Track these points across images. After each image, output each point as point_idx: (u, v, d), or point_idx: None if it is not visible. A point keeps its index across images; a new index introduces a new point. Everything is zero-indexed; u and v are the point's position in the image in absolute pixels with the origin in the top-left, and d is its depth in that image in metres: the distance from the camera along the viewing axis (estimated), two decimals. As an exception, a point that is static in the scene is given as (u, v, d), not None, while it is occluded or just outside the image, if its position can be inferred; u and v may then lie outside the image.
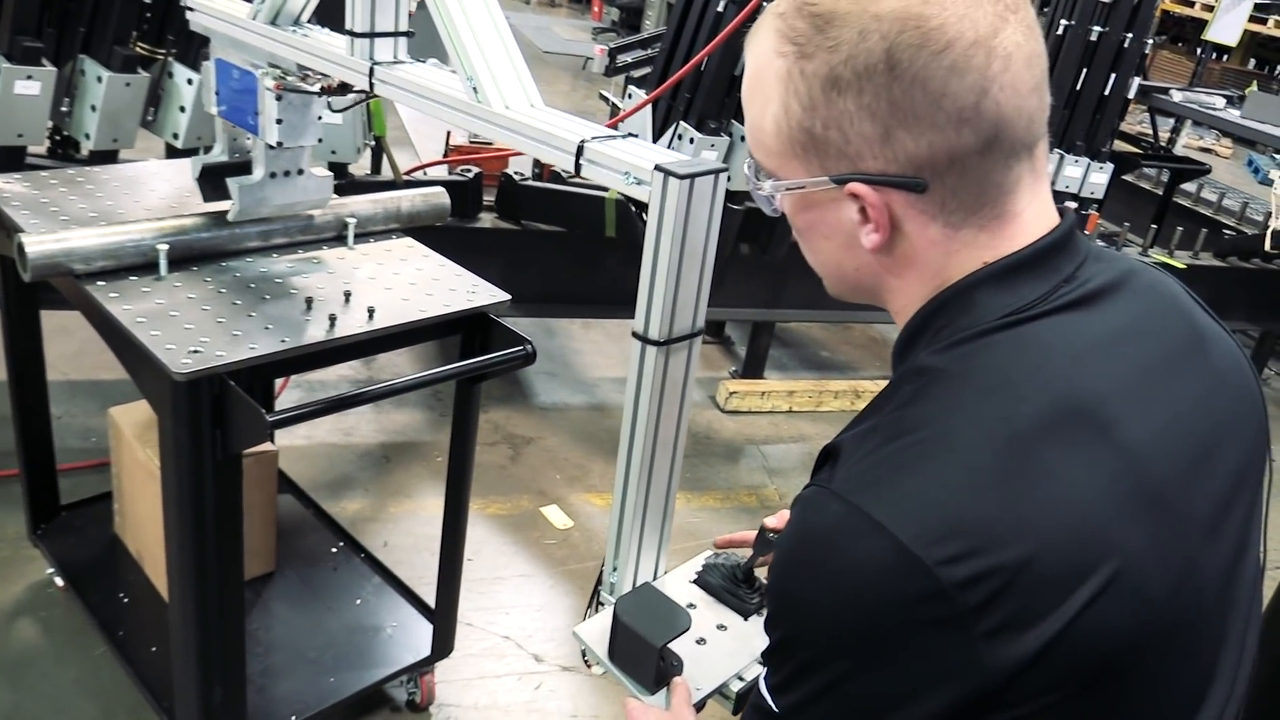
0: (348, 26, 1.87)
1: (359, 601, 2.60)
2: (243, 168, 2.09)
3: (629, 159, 1.43)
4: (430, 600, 2.55)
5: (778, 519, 1.39)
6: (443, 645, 2.47)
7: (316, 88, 1.93)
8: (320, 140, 2.04)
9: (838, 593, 0.77)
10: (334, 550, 2.78)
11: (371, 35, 1.86)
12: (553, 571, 3.10)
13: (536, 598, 2.98)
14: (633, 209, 1.33)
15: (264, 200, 2.06)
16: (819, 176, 0.85)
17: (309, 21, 2.07)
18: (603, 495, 3.50)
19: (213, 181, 2.08)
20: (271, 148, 1.98)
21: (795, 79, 0.83)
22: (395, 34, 1.89)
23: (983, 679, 0.74)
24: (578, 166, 1.51)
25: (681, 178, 1.29)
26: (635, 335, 1.40)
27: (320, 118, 2.02)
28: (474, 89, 1.65)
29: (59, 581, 2.64)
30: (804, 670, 0.81)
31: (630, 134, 1.57)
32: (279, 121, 1.93)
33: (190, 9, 2.18)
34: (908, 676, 0.75)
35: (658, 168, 1.33)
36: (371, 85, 1.87)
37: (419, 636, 2.51)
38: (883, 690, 0.77)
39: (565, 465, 3.65)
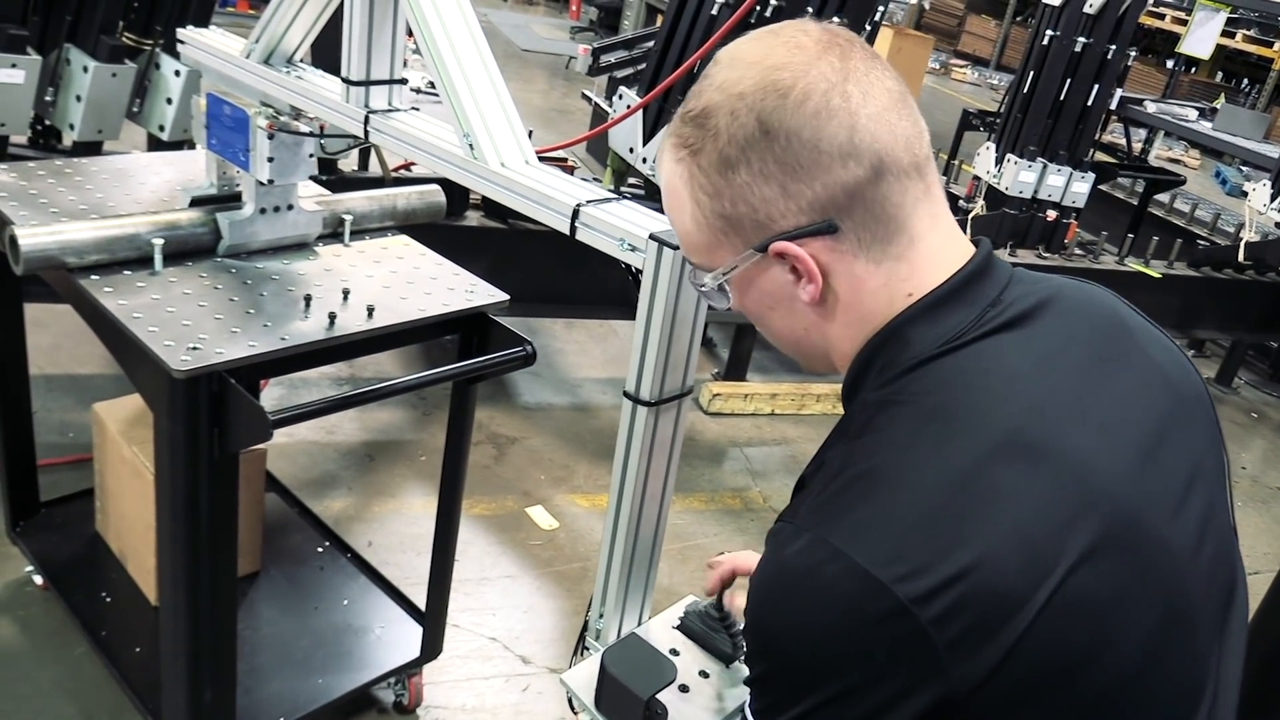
0: (343, 74, 1.86)
1: (346, 602, 2.58)
2: (232, 198, 2.06)
3: (624, 225, 1.45)
4: (416, 600, 2.53)
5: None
6: (432, 646, 2.45)
7: (309, 129, 1.91)
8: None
9: (809, 621, 0.81)
10: (320, 550, 2.75)
11: (367, 84, 1.85)
12: (539, 573, 3.09)
13: (523, 599, 2.97)
14: (625, 268, 1.39)
15: (253, 235, 2.04)
16: (745, 252, 0.93)
17: (301, 62, 2.06)
18: (587, 496, 3.49)
19: None
20: (262, 184, 1.96)
21: (696, 175, 0.91)
22: (390, 82, 1.89)
23: (949, 686, 0.78)
24: (573, 230, 1.53)
25: (676, 247, 1.31)
26: (627, 395, 1.45)
27: (312, 155, 1.99)
28: (470, 145, 1.65)
29: (38, 580, 2.59)
30: (787, 698, 0.85)
31: (623, 196, 1.59)
32: (270, 160, 1.91)
33: (182, 42, 2.16)
34: (881, 691, 0.79)
35: (652, 237, 1.35)
36: (367, 134, 1.85)
37: (407, 638, 2.48)
38: (861, 706, 0.81)
39: (550, 466, 3.63)
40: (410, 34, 1.86)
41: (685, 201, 0.93)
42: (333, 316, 1.85)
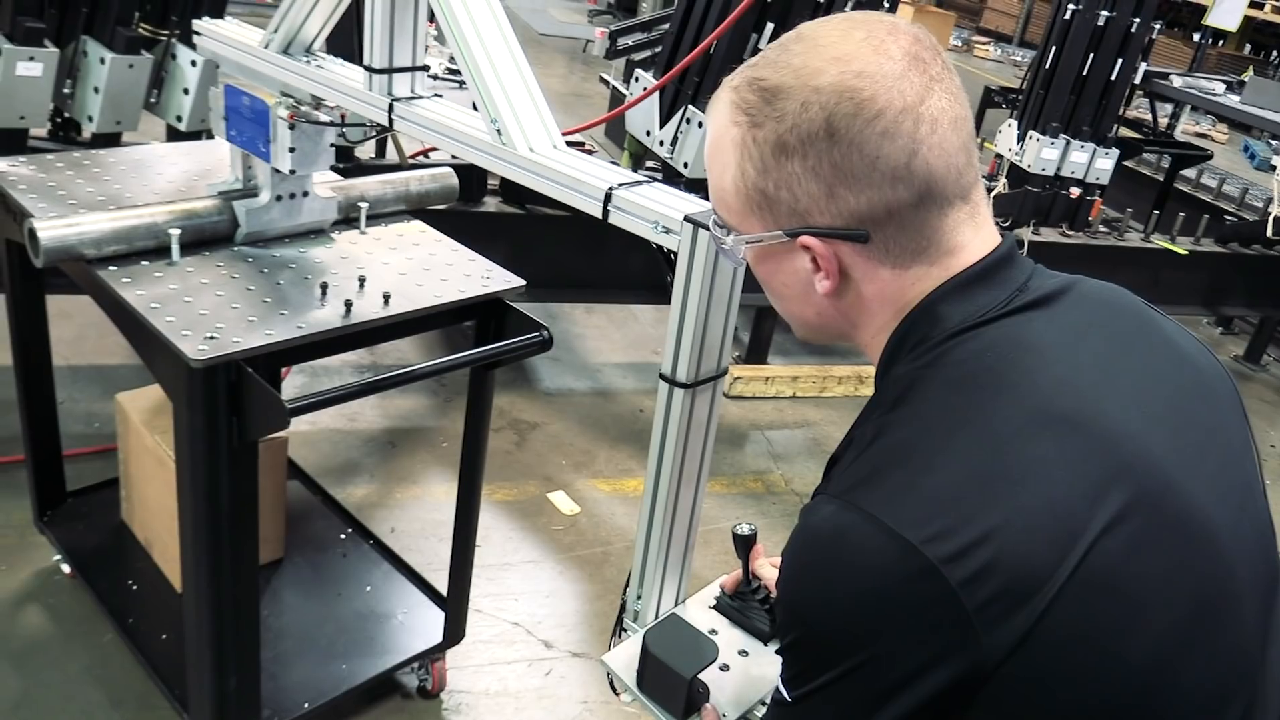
0: (365, 62, 1.85)
1: (369, 588, 2.59)
2: (251, 191, 2.07)
3: (658, 208, 1.45)
4: (439, 586, 2.54)
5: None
6: (455, 632, 2.46)
7: (329, 118, 1.90)
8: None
9: (839, 585, 0.82)
10: (342, 536, 2.76)
11: (390, 71, 1.84)
12: (560, 558, 3.09)
13: (545, 584, 2.98)
14: (657, 249, 1.40)
15: (270, 223, 2.05)
16: (774, 231, 0.94)
17: (320, 51, 2.05)
18: (609, 481, 3.49)
19: None
20: (279, 172, 1.96)
21: (749, 145, 0.92)
22: (413, 69, 1.87)
23: (979, 655, 0.78)
24: (605, 214, 1.52)
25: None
26: (663, 377, 1.45)
27: (333, 145, 1.99)
28: (498, 131, 1.64)
29: (65, 568, 2.62)
30: (817, 664, 0.86)
31: (655, 179, 1.58)
32: (292, 150, 1.91)
33: (198, 34, 2.15)
34: (911, 660, 0.80)
35: (687, 219, 1.34)
36: (391, 122, 1.84)
37: (429, 623, 2.50)
38: (891, 673, 0.81)
39: (571, 451, 3.63)
40: (432, 19, 1.84)
41: (730, 164, 0.94)
42: (349, 304, 1.85)
